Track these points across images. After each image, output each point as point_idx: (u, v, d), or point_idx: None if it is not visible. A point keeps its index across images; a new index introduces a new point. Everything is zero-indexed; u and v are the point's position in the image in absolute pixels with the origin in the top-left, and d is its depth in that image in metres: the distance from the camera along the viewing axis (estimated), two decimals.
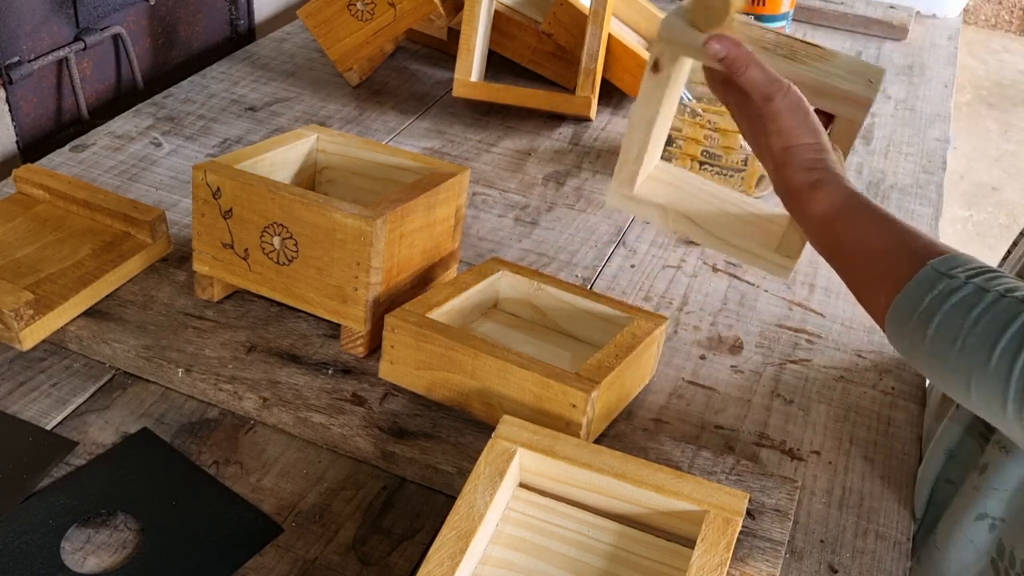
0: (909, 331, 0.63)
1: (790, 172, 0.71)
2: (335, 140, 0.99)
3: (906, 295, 0.63)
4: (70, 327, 0.88)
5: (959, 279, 0.62)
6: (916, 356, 0.64)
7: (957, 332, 0.60)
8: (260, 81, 1.40)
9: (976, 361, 0.59)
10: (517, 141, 1.31)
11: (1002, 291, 0.60)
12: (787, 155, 0.71)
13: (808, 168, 0.71)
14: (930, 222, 1.21)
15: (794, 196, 0.72)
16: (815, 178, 0.70)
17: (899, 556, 0.76)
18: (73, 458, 0.78)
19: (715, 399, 0.90)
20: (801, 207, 0.71)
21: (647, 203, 0.82)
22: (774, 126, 0.72)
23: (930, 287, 0.62)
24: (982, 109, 3.85)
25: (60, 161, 1.17)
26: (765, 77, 0.72)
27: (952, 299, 0.61)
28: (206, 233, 0.89)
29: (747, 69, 0.72)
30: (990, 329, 0.59)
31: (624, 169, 0.82)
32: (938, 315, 0.61)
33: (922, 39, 1.76)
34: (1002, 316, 0.59)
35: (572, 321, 0.91)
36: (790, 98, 0.71)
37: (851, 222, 0.68)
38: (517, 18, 1.39)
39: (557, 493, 0.71)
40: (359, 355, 0.88)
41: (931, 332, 0.61)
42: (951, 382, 0.62)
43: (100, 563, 0.70)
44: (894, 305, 0.64)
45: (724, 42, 0.72)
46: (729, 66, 0.72)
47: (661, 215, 0.82)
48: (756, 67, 0.72)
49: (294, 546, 0.73)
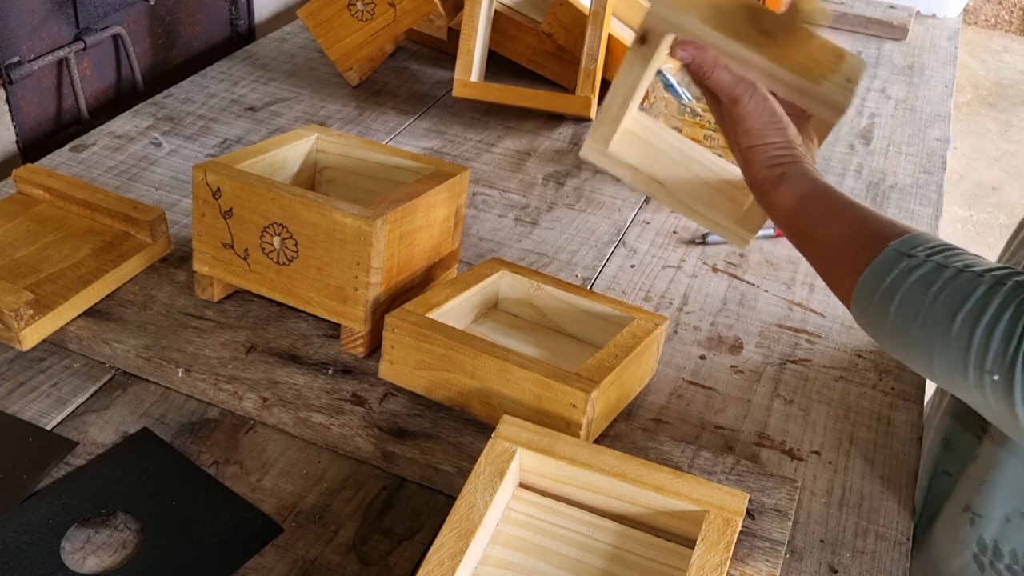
0: (873, 311, 0.65)
1: (755, 168, 0.74)
2: (335, 140, 0.99)
3: (868, 276, 0.65)
4: (70, 327, 0.88)
5: (918, 258, 0.64)
6: (881, 335, 0.66)
7: (918, 308, 0.63)
8: (260, 81, 1.40)
9: (937, 334, 0.62)
10: (517, 141, 1.31)
11: (960, 267, 0.62)
12: (752, 152, 0.74)
13: (772, 165, 0.73)
14: (930, 222, 1.21)
15: (759, 191, 0.74)
16: (778, 173, 0.72)
17: (899, 556, 0.76)
18: (73, 458, 0.78)
19: (715, 399, 0.90)
20: (767, 201, 0.74)
21: (619, 161, 0.83)
22: (741, 126, 0.74)
23: (891, 267, 0.64)
24: (982, 109, 3.85)
25: (60, 161, 1.17)
26: (731, 79, 0.74)
27: (912, 277, 0.63)
28: (206, 233, 0.89)
29: (713, 72, 0.74)
30: (949, 302, 0.61)
31: (600, 128, 0.82)
32: (899, 293, 0.63)
33: (922, 39, 1.76)
34: (961, 290, 0.61)
35: (572, 321, 0.91)
36: (755, 99, 0.74)
37: (813, 212, 0.71)
38: (517, 18, 1.39)
39: (557, 493, 0.71)
40: (359, 355, 0.88)
41: (893, 310, 0.64)
42: (914, 356, 0.64)
43: (100, 563, 0.70)
44: (858, 287, 0.66)
45: (689, 47, 0.74)
46: (695, 70, 0.74)
47: (631, 176, 0.84)
48: (721, 70, 0.74)
49: (294, 546, 0.73)
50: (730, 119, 0.75)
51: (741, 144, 0.75)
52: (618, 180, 1.23)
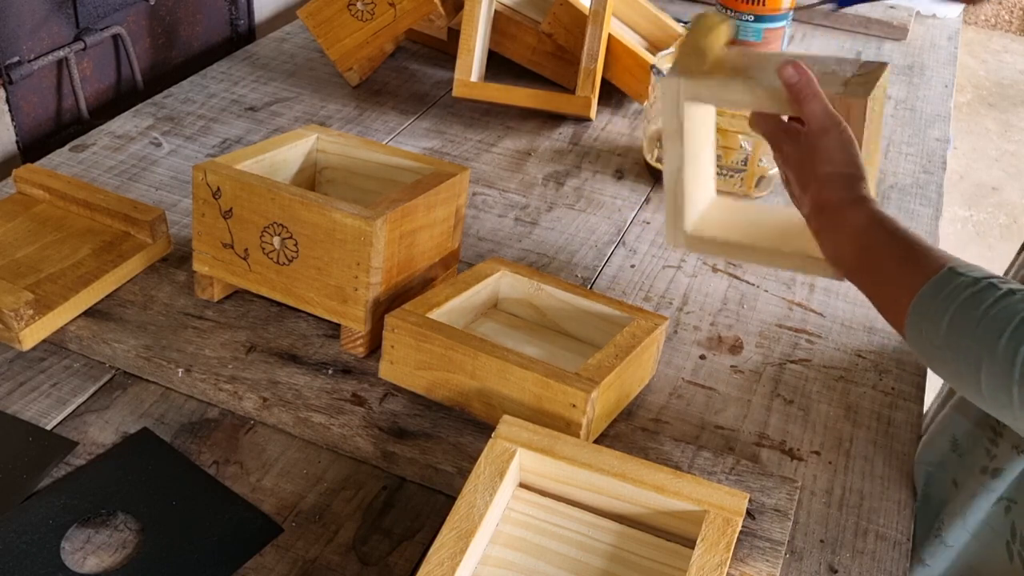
0: (926, 326, 0.67)
1: (832, 191, 0.77)
2: (335, 140, 0.99)
3: (925, 292, 0.68)
4: (70, 327, 0.88)
5: (973, 278, 0.66)
6: (932, 349, 0.68)
7: (970, 323, 0.65)
8: (260, 81, 1.40)
9: (985, 347, 0.63)
10: (517, 141, 1.31)
11: (1013, 288, 0.65)
12: (831, 177, 0.77)
13: (850, 187, 0.76)
14: (930, 222, 1.21)
15: (832, 212, 0.77)
16: (856, 195, 0.76)
17: (899, 556, 0.76)
18: (73, 458, 0.78)
19: (715, 399, 0.90)
20: (839, 220, 0.76)
21: (705, 240, 0.89)
22: (825, 154, 0.77)
23: (947, 284, 0.67)
24: (982, 109, 3.85)
25: (60, 161, 1.17)
26: (824, 111, 0.77)
27: (965, 293, 0.66)
28: (206, 233, 0.89)
29: (811, 100, 0.77)
30: (1000, 318, 0.63)
31: (672, 218, 0.88)
32: (953, 307, 0.66)
33: (922, 39, 1.76)
34: (1011, 308, 0.63)
35: (572, 321, 0.91)
36: (844, 135, 0.77)
37: (881, 233, 0.74)
38: (517, 18, 1.39)
39: (557, 493, 0.71)
40: (359, 355, 0.88)
41: (945, 324, 0.66)
42: (964, 373, 0.66)
43: (100, 563, 0.70)
44: (914, 302, 0.68)
45: (800, 68, 0.78)
46: (796, 93, 0.78)
47: (721, 248, 0.90)
48: (818, 99, 0.78)
49: (294, 546, 0.73)
50: (811, 147, 0.78)
51: (820, 170, 0.77)
52: (618, 179, 1.24)
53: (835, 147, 0.77)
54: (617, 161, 1.29)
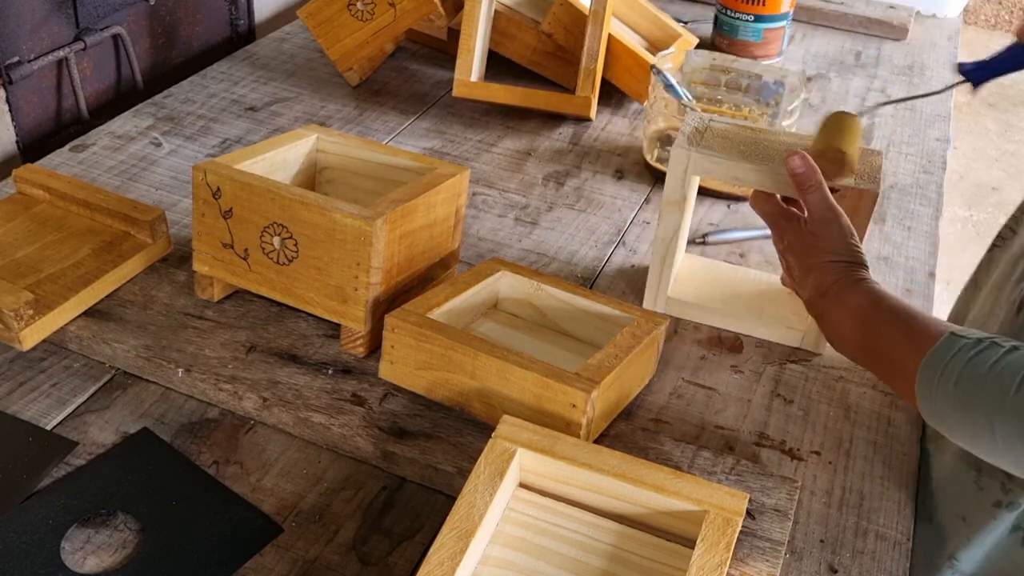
0: (936, 391, 0.69)
1: (831, 277, 0.80)
2: (335, 140, 0.98)
3: (931, 358, 0.70)
4: (70, 327, 0.88)
5: (975, 339, 0.69)
6: (944, 412, 0.69)
7: (978, 380, 0.66)
8: (260, 81, 1.40)
9: (997, 403, 0.65)
10: (517, 141, 1.31)
11: (1015, 344, 0.67)
12: (830, 266, 0.80)
13: (850, 272, 0.80)
14: (930, 222, 1.21)
15: (835, 295, 0.79)
16: (855, 278, 0.79)
17: (899, 556, 0.76)
18: (73, 458, 0.78)
19: (715, 399, 0.90)
20: (841, 302, 0.79)
21: (683, 303, 0.98)
22: (826, 244, 0.81)
23: (951, 348, 0.69)
24: (982, 109, 3.85)
25: (60, 161, 1.17)
26: (826, 204, 0.82)
27: (970, 353, 0.68)
28: (206, 233, 0.89)
29: (814, 191, 0.82)
30: (1008, 373, 0.65)
31: (656, 281, 0.97)
32: (960, 368, 0.68)
33: (922, 39, 1.76)
34: (1017, 363, 0.66)
35: (572, 321, 0.91)
36: (846, 226, 0.81)
37: (881, 310, 0.77)
38: (517, 18, 1.39)
39: (557, 493, 0.71)
40: (359, 355, 0.88)
41: (953, 384, 0.68)
42: (978, 431, 0.67)
43: (100, 563, 0.70)
44: (921, 371, 0.70)
45: (806, 159, 0.83)
46: (800, 183, 0.82)
47: (698, 313, 0.98)
48: (821, 191, 0.82)
49: (294, 546, 0.73)
50: (811, 236, 0.82)
51: (822, 258, 0.81)
52: (618, 180, 1.24)
53: (836, 237, 0.81)
54: (617, 161, 1.29)
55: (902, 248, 1.15)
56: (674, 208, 0.92)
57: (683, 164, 0.90)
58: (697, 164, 0.89)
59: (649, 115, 1.23)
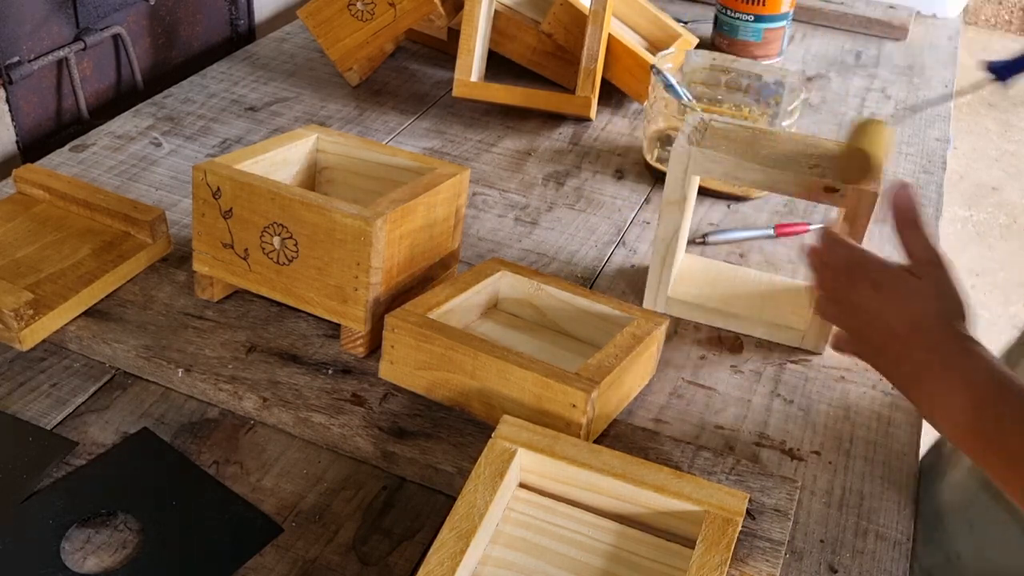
0: None
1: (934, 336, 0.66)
2: (335, 140, 0.98)
3: None
4: (70, 327, 0.88)
5: None
6: None
7: None
8: (260, 81, 1.40)
9: None
10: (517, 141, 1.31)
11: None
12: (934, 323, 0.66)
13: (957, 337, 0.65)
14: (930, 222, 1.21)
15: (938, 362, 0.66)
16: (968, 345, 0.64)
17: (899, 556, 0.76)
18: (73, 458, 0.78)
19: (715, 399, 0.90)
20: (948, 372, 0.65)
21: (682, 303, 0.98)
22: (931, 293, 0.67)
23: None
24: (982, 109, 3.85)
25: (60, 161, 1.17)
26: (927, 243, 0.70)
27: None
28: (206, 233, 0.89)
29: (914, 228, 0.70)
30: None
31: (656, 281, 0.97)
32: None
33: (922, 39, 1.76)
34: None
35: (572, 321, 0.91)
36: (949, 272, 0.68)
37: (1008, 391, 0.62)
38: (517, 18, 1.39)
39: (557, 493, 0.71)
40: (359, 355, 0.88)
41: None
42: None
43: (100, 563, 0.70)
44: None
45: (910, 193, 0.70)
46: (899, 215, 0.70)
47: (698, 313, 0.98)
48: (921, 230, 0.70)
49: (294, 546, 0.73)
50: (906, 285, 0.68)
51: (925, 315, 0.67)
52: (618, 180, 1.24)
53: (945, 285, 0.67)
54: (617, 161, 1.29)
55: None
56: (674, 208, 0.92)
57: (683, 164, 0.90)
58: (697, 164, 0.89)
59: (649, 115, 1.23)
